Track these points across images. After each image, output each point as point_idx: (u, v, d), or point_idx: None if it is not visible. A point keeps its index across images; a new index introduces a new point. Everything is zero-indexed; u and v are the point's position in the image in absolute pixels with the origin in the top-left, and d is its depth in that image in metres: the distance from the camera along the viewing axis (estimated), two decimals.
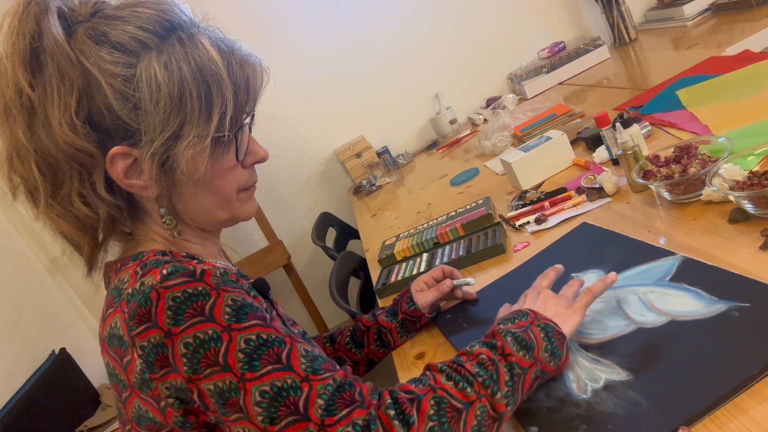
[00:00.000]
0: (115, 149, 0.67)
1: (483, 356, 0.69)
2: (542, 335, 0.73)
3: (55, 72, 0.65)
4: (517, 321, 0.76)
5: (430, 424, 0.63)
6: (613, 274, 0.83)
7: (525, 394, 0.70)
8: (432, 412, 0.63)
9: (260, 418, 0.61)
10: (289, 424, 0.60)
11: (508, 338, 0.71)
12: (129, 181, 0.69)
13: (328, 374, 0.64)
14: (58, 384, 1.99)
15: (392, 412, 0.62)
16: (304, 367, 0.63)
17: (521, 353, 0.70)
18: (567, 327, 0.77)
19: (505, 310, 0.88)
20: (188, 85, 0.66)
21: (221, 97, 0.68)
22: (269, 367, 0.61)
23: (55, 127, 0.65)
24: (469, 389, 0.65)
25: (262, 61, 0.75)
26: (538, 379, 0.72)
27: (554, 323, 0.75)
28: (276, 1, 2.41)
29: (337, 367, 0.67)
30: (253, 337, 0.62)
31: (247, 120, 0.75)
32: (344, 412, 0.61)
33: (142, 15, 0.68)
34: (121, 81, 0.66)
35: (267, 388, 0.61)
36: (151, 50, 0.67)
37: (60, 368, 2.05)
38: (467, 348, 0.73)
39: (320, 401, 0.61)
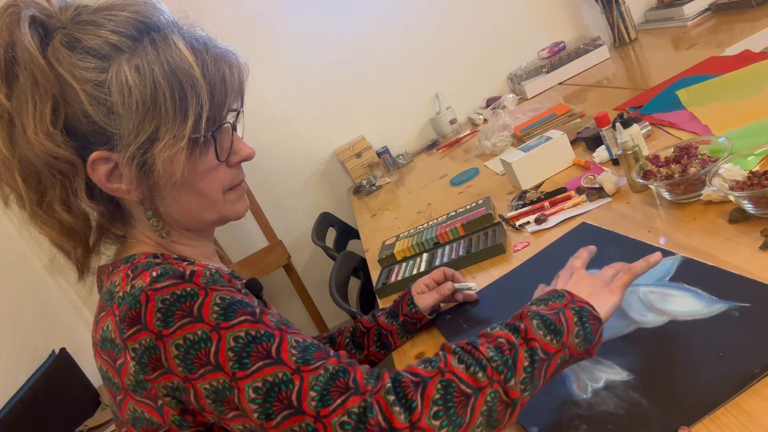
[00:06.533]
0: (94, 155, 0.67)
1: (501, 339, 0.66)
2: (575, 319, 0.69)
3: (29, 82, 0.64)
4: (550, 303, 0.72)
5: (435, 408, 0.61)
6: (657, 254, 0.78)
7: (548, 379, 0.67)
8: (438, 396, 0.62)
9: (256, 415, 0.60)
10: (284, 419, 0.60)
11: (535, 321, 0.67)
12: (111, 185, 0.69)
13: (320, 363, 0.63)
14: (58, 384, 1.99)
15: (392, 398, 0.61)
16: (294, 359, 0.62)
17: (548, 338, 0.66)
18: (603, 308, 0.72)
19: (540, 291, 0.85)
20: (161, 87, 0.65)
21: (196, 97, 0.67)
22: (260, 363, 0.61)
23: (32, 136, 0.65)
24: (480, 374, 0.63)
25: (241, 56, 0.73)
26: (565, 363, 0.69)
27: (590, 306, 0.71)
28: (278, 2, 2.41)
29: (331, 353, 0.66)
30: (242, 334, 0.62)
31: (230, 118, 0.74)
32: (339, 401, 0.60)
33: (116, 18, 0.67)
34: (93, 86, 0.65)
35: (260, 384, 0.60)
36: (124, 53, 0.66)
37: (60, 368, 2.05)
38: (488, 329, 0.69)
39: (312, 393, 0.60)
